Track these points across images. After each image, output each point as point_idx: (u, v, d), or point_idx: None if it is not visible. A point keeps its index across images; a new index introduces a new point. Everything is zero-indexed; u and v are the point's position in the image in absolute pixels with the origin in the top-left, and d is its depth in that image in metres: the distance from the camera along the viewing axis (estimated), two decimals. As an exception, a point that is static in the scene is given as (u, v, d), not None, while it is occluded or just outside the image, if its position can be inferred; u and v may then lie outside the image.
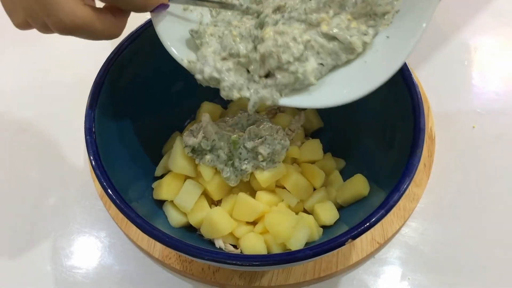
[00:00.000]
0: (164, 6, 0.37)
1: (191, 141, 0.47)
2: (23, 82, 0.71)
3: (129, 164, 0.48)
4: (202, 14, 0.43)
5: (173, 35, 0.41)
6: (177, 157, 0.48)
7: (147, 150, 0.53)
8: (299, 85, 0.39)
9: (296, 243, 0.44)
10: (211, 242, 0.48)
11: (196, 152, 0.48)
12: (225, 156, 0.47)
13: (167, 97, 0.55)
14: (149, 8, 0.36)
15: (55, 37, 0.73)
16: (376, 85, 0.36)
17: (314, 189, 0.51)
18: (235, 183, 0.47)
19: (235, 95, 0.40)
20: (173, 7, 0.40)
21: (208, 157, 0.47)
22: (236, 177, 0.47)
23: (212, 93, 0.55)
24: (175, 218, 0.48)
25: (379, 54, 0.37)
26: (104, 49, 0.49)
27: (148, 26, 0.48)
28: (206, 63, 0.40)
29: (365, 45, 0.38)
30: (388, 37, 0.37)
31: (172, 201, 0.49)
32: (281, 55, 0.37)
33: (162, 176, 0.51)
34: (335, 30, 0.38)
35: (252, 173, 0.48)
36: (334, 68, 0.39)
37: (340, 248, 0.37)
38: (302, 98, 0.39)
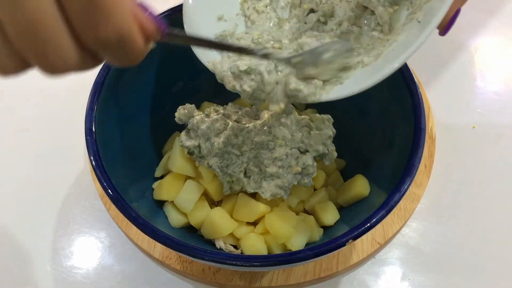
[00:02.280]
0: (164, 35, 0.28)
1: (189, 142, 0.47)
2: (23, 82, 0.70)
3: (129, 165, 0.48)
4: (237, 24, 0.45)
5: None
6: (177, 157, 0.48)
7: (147, 150, 0.53)
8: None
9: (297, 244, 0.44)
10: (211, 243, 0.47)
11: (193, 155, 0.48)
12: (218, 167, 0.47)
13: (167, 97, 0.55)
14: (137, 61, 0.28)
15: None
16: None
17: (315, 190, 0.51)
18: (227, 192, 0.47)
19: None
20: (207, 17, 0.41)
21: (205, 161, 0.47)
22: (230, 187, 0.47)
23: (212, 93, 0.55)
24: (175, 218, 0.48)
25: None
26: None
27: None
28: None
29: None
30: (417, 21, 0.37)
31: (172, 202, 0.49)
32: None
33: (162, 177, 0.51)
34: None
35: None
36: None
37: (340, 249, 0.37)
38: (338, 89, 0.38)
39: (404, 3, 0.39)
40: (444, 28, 0.40)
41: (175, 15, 0.49)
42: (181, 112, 0.49)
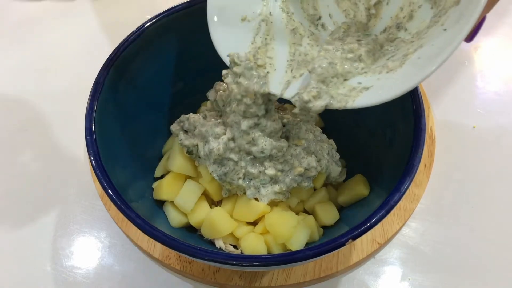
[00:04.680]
0: None
1: (188, 141, 0.47)
2: (23, 82, 0.71)
3: (129, 164, 0.48)
4: (260, 25, 0.45)
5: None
6: (176, 157, 0.48)
7: (147, 150, 0.53)
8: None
9: (297, 244, 0.44)
10: (211, 243, 0.47)
11: (192, 154, 0.48)
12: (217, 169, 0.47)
13: (167, 97, 0.55)
14: None
15: (55, 37, 0.73)
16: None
17: (315, 190, 0.51)
18: (226, 195, 0.47)
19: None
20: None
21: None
22: (228, 190, 0.47)
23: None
24: (175, 218, 0.48)
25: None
26: (104, 49, 0.49)
27: (148, 26, 0.48)
28: None
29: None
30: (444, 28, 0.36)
31: (172, 202, 0.49)
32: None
33: (162, 177, 0.51)
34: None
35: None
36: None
37: (340, 249, 0.37)
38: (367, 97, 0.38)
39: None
40: (470, 36, 0.39)
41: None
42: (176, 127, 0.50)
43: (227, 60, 0.42)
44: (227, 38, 0.44)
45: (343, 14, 0.44)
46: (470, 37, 0.39)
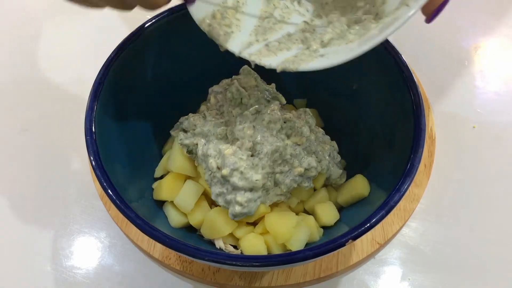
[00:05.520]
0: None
1: (187, 141, 0.47)
2: (23, 82, 0.71)
3: (129, 165, 0.48)
4: None
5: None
6: (176, 157, 0.48)
7: (147, 150, 0.53)
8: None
9: (296, 244, 0.44)
10: (211, 243, 0.47)
11: (192, 153, 0.48)
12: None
13: (167, 97, 0.55)
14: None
15: (55, 36, 0.73)
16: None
17: (315, 190, 0.51)
18: (223, 203, 0.46)
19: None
20: None
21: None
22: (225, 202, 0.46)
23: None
24: (175, 218, 0.48)
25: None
26: (104, 49, 0.49)
27: (148, 27, 0.48)
28: None
29: None
30: None
31: (172, 202, 0.49)
32: None
33: (162, 177, 0.51)
34: None
35: None
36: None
37: (340, 249, 0.37)
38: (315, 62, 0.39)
39: None
40: (431, 14, 0.40)
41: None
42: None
43: (196, 20, 0.43)
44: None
45: None
46: (431, 17, 0.40)
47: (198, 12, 0.43)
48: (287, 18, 0.45)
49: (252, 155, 0.45)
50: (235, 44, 0.43)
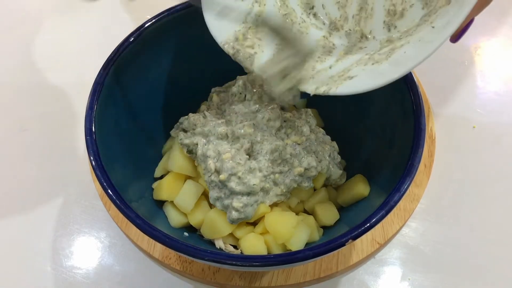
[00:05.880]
0: None
1: (187, 140, 0.47)
2: (23, 82, 0.71)
3: (129, 164, 0.48)
4: (253, 5, 0.45)
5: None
6: (176, 157, 0.48)
7: (147, 150, 0.53)
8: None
9: (296, 244, 0.44)
10: (211, 243, 0.47)
11: (192, 153, 0.48)
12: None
13: (166, 96, 0.55)
14: None
15: (55, 36, 0.73)
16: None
17: (315, 190, 0.51)
18: (221, 207, 0.46)
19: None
20: None
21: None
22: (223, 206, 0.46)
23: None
24: (175, 218, 0.48)
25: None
26: (104, 49, 0.49)
27: (148, 27, 0.48)
28: None
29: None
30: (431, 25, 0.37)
31: (172, 202, 0.49)
32: None
33: (162, 177, 0.51)
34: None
35: None
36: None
37: (340, 249, 0.37)
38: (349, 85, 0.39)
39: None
40: (456, 36, 0.40)
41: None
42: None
43: (219, 42, 0.44)
44: (219, 15, 0.44)
45: (336, 6, 0.45)
46: (456, 37, 0.40)
47: (220, 34, 0.44)
48: (305, 33, 0.45)
49: (250, 157, 0.45)
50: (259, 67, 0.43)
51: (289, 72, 0.42)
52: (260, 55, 0.44)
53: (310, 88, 0.41)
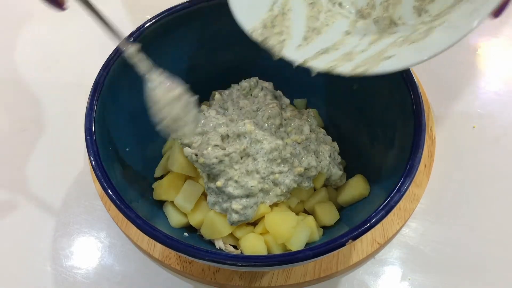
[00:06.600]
0: None
1: (187, 140, 0.48)
2: (23, 81, 0.71)
3: (129, 165, 0.48)
4: None
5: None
6: (177, 157, 0.48)
7: (147, 150, 0.53)
8: None
9: (297, 244, 0.44)
10: (211, 243, 0.47)
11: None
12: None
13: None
14: None
15: (55, 36, 0.73)
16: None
17: (315, 190, 0.51)
18: (220, 210, 0.46)
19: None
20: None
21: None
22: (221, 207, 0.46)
23: (211, 93, 0.55)
24: (175, 218, 0.48)
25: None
26: (104, 49, 0.49)
27: (148, 27, 0.48)
28: None
29: None
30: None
31: (172, 202, 0.49)
32: None
33: (162, 177, 0.51)
34: None
35: None
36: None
37: (340, 249, 0.37)
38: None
39: None
40: (498, 10, 0.39)
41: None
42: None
43: (246, 30, 0.43)
44: (245, 4, 0.44)
45: None
46: (497, 13, 0.39)
47: (247, 22, 0.43)
48: (331, 22, 0.45)
49: (249, 157, 0.45)
50: (291, 52, 0.42)
51: None
52: (290, 42, 0.43)
53: (346, 70, 0.39)
